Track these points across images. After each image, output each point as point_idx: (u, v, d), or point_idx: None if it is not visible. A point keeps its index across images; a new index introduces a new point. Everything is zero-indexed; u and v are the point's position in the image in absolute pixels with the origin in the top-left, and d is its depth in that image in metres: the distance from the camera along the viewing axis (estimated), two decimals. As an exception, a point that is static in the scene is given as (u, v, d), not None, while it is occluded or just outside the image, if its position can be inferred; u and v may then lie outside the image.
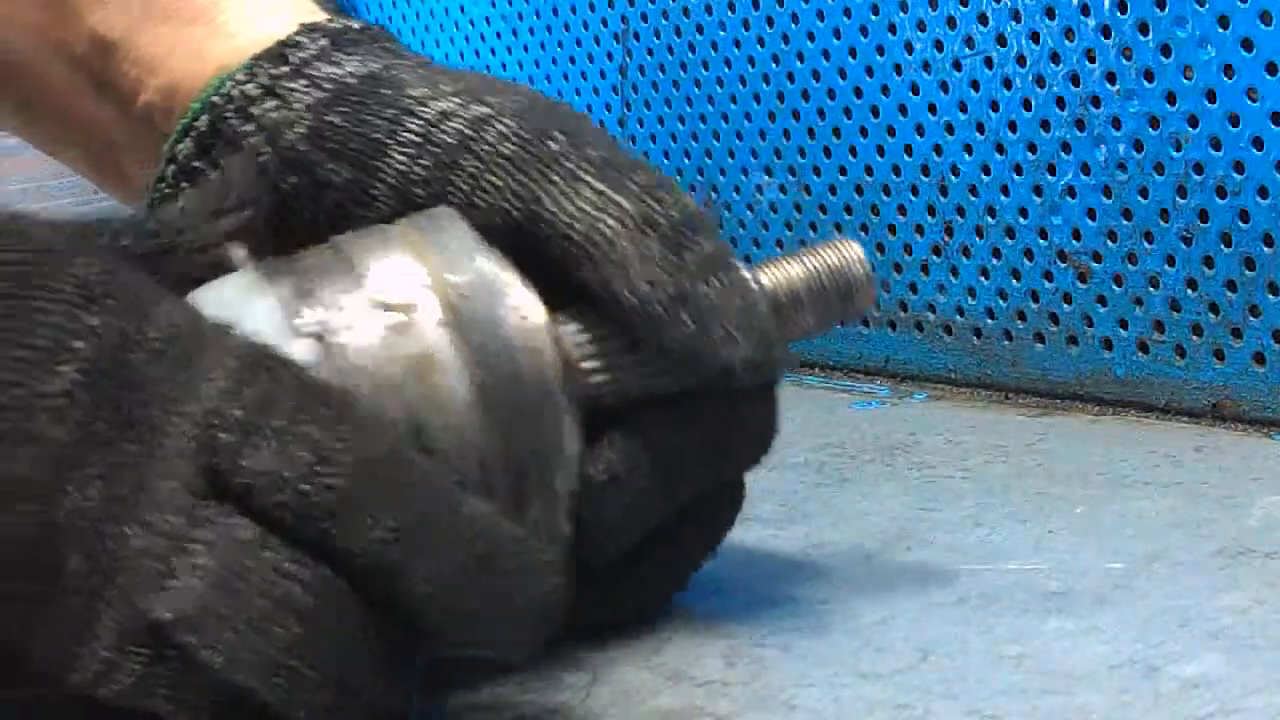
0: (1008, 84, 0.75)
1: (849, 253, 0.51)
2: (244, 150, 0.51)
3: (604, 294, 0.47)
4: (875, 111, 0.81)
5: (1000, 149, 0.76)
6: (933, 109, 0.79)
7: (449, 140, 0.49)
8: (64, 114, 0.57)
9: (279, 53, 0.52)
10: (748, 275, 0.49)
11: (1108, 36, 0.71)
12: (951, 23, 0.77)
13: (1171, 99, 0.69)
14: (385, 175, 0.50)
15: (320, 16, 0.54)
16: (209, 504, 0.39)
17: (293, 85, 0.52)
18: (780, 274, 0.51)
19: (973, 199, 0.78)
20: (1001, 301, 0.78)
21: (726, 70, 0.89)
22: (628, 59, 0.95)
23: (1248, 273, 0.68)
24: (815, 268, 0.51)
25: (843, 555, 0.57)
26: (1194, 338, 0.70)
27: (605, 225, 0.48)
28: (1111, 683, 0.44)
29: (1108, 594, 0.51)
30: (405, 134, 0.50)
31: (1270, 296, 0.67)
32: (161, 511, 0.39)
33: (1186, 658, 0.46)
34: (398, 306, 0.45)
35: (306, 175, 0.51)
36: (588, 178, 0.48)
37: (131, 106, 0.55)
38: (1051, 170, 0.74)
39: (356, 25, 0.54)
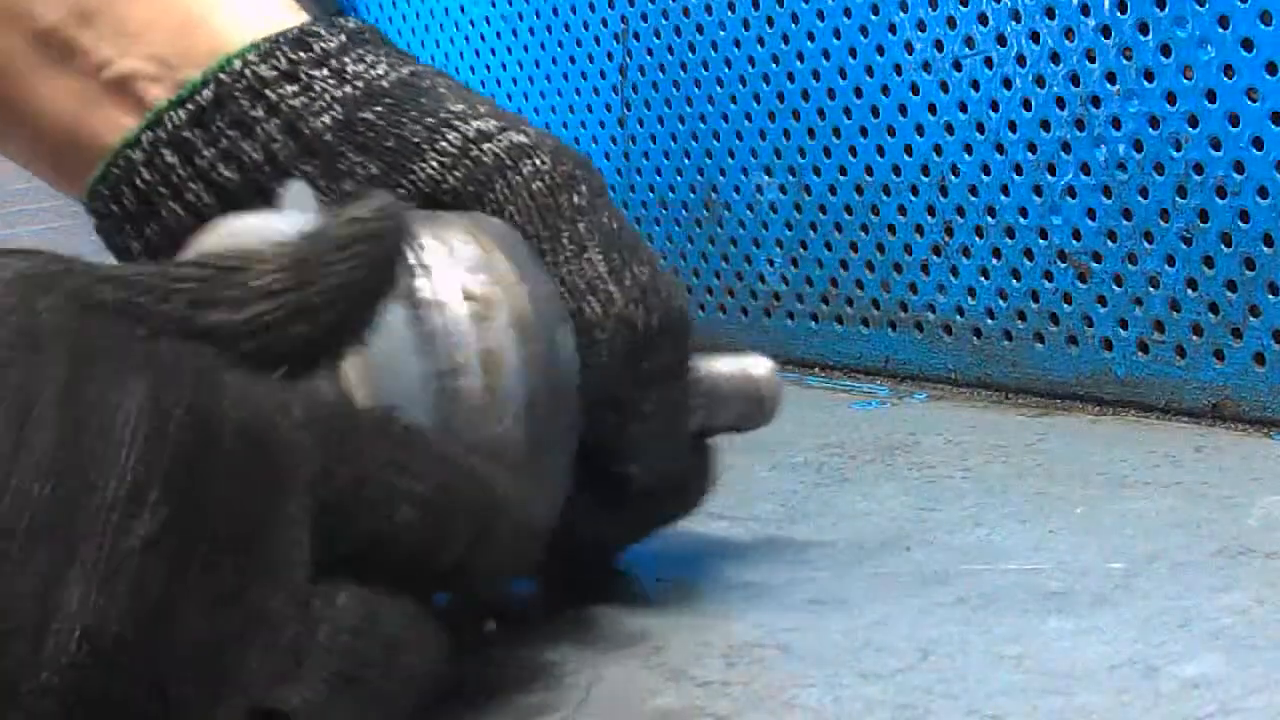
0: (1008, 84, 0.75)
1: (759, 369, 0.55)
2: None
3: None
4: (875, 111, 0.81)
5: (1000, 149, 0.76)
6: (933, 109, 0.79)
7: (485, 160, 0.50)
8: (11, 95, 0.54)
9: (299, 39, 0.52)
10: (695, 378, 0.52)
11: (1108, 36, 0.71)
12: (951, 23, 0.77)
13: (1171, 99, 0.69)
14: (416, 178, 0.51)
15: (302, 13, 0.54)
16: (314, 600, 0.39)
17: (317, 74, 0.52)
18: (712, 368, 0.54)
19: (973, 199, 0.78)
20: (1001, 301, 0.78)
21: (726, 70, 0.89)
22: (628, 59, 0.95)
23: (1248, 273, 0.68)
24: (736, 372, 0.54)
25: (842, 555, 0.57)
26: (1194, 338, 0.70)
27: (590, 309, 0.49)
28: (1111, 683, 0.44)
29: (1108, 594, 0.51)
30: (443, 144, 0.51)
31: (1270, 296, 0.67)
32: (274, 628, 0.38)
33: (1187, 658, 0.46)
34: (478, 297, 0.46)
35: (326, 164, 0.51)
36: (595, 254, 0.50)
37: (98, 75, 0.53)
38: (1051, 170, 0.74)
39: (366, 26, 0.54)
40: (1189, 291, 0.70)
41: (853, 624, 0.50)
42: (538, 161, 0.50)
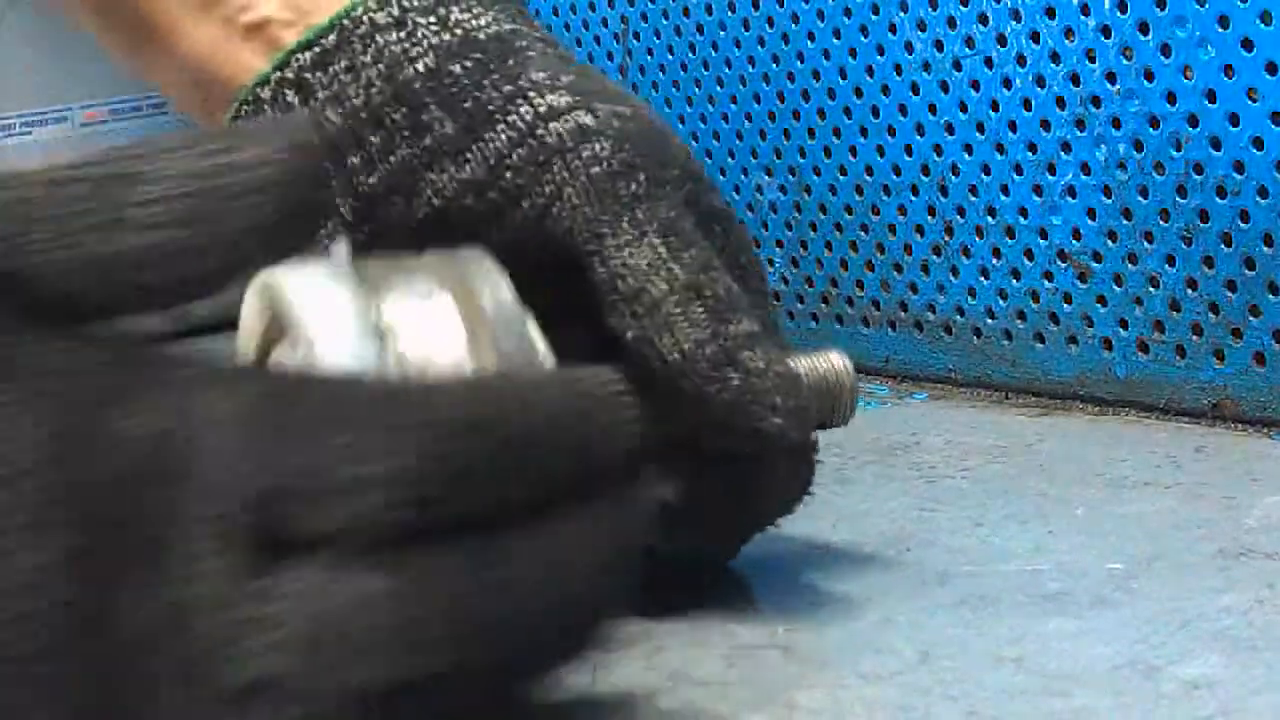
0: (1008, 84, 0.75)
1: (838, 363, 0.54)
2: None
3: (644, 350, 0.49)
4: (875, 111, 0.81)
5: (1000, 149, 0.76)
6: (933, 109, 0.79)
7: (549, 141, 0.51)
8: (164, 32, 0.56)
9: None
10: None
11: (1108, 36, 0.71)
12: (952, 23, 0.77)
13: (1171, 99, 0.69)
14: (485, 148, 0.51)
15: None
16: (262, 580, 0.37)
17: (422, 20, 0.53)
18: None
19: (973, 199, 0.78)
20: (1001, 301, 0.78)
21: (726, 70, 0.89)
22: (628, 59, 0.95)
23: (1248, 273, 0.68)
24: (810, 369, 0.53)
25: (843, 556, 0.57)
26: (1194, 338, 0.70)
27: (655, 286, 0.49)
28: (1112, 684, 0.44)
29: (1108, 595, 0.51)
30: (514, 115, 0.51)
31: (1270, 296, 0.67)
32: (205, 617, 0.36)
33: (1187, 659, 0.46)
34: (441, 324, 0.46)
35: (414, 114, 0.52)
36: (654, 238, 0.50)
37: (238, 18, 0.55)
38: (1051, 170, 0.74)
39: None
40: (1189, 291, 0.70)
41: (853, 625, 0.50)
42: (597, 147, 0.51)
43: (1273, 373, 0.68)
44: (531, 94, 0.52)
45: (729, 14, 0.88)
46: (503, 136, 0.51)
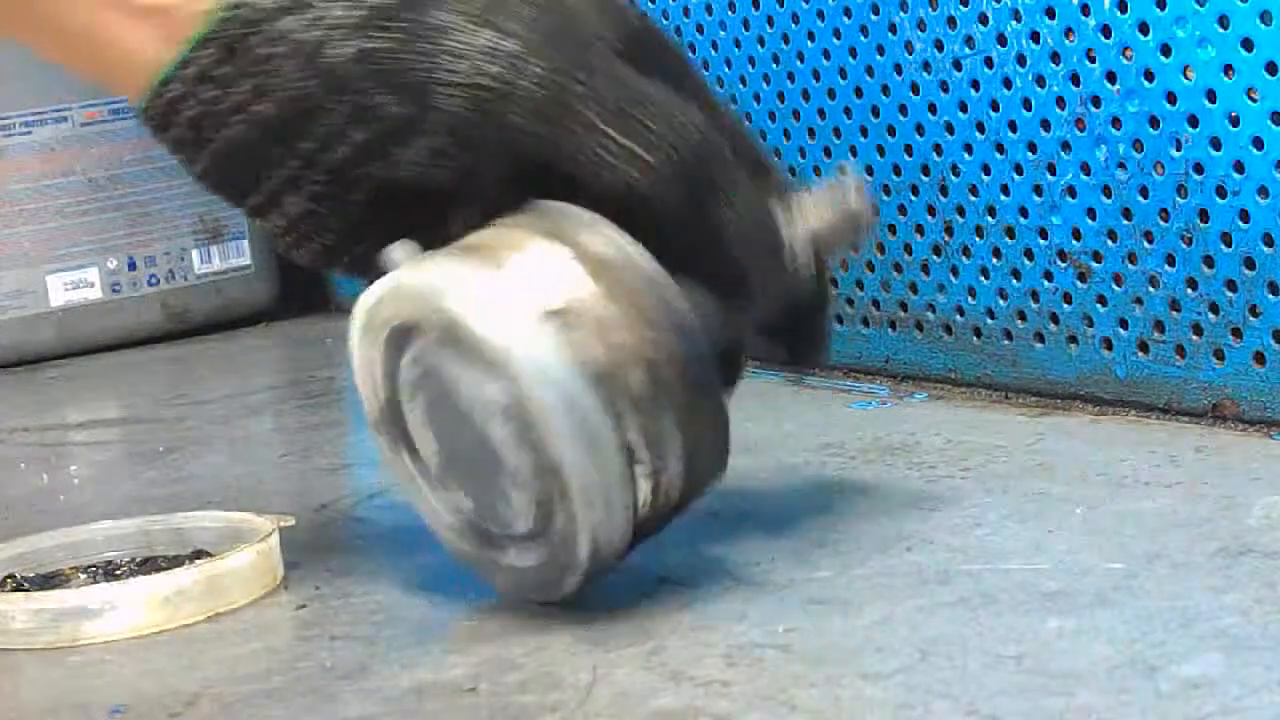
0: (1008, 84, 0.75)
1: (850, 185, 0.58)
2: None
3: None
4: (875, 111, 0.81)
5: (1000, 149, 0.76)
6: (933, 109, 0.79)
7: (493, 86, 0.52)
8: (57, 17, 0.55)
9: None
10: (781, 191, 0.57)
11: (1108, 36, 0.71)
12: (952, 23, 0.77)
13: (1171, 99, 0.69)
14: (439, 113, 0.53)
15: None
16: None
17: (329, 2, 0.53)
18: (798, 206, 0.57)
19: (973, 199, 0.78)
20: (1001, 301, 0.78)
21: (726, 70, 0.89)
22: (628, 59, 0.95)
23: (1248, 273, 0.68)
24: (822, 200, 0.58)
25: (842, 555, 0.57)
26: (1194, 338, 0.70)
27: (631, 178, 0.52)
28: (1111, 683, 0.45)
29: (1108, 594, 0.51)
30: (452, 74, 0.52)
31: (1270, 296, 0.67)
32: None
33: (1187, 658, 0.46)
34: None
35: (358, 98, 0.53)
36: (608, 129, 0.52)
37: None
38: (1051, 170, 0.74)
39: None
40: (1189, 291, 0.70)
41: (853, 624, 0.50)
42: (531, 72, 0.52)
43: (1273, 373, 0.68)
44: (460, 48, 0.52)
45: (729, 14, 0.88)
46: (453, 97, 0.52)
